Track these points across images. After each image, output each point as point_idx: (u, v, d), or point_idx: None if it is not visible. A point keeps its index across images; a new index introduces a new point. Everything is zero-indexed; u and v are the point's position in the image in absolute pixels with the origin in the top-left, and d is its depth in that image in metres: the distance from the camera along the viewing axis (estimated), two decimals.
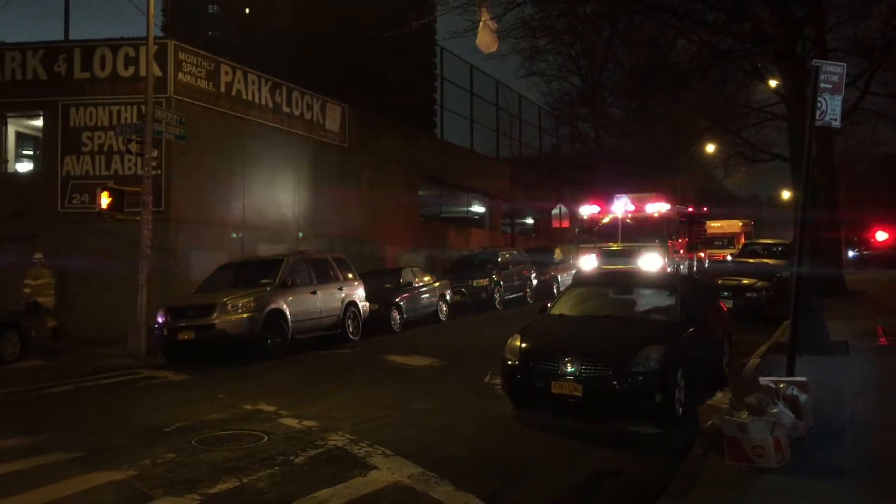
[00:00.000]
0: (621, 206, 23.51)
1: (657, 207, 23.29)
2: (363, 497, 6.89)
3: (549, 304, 11.68)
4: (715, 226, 36.87)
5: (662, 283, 12.15)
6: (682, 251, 24.31)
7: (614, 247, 22.88)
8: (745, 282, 19.94)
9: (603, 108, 44.76)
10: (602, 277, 14.91)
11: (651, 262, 21.88)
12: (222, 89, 21.21)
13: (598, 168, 42.60)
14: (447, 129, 38.16)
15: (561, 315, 10.93)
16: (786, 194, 55.38)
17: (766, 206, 69.55)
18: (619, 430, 9.30)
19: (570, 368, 9.17)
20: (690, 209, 27.45)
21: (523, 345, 9.81)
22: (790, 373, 8.82)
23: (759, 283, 19.70)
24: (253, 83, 22.45)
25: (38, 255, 18.35)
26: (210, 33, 60.05)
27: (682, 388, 9.48)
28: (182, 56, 19.92)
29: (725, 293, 18.37)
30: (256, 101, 22.50)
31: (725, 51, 20.73)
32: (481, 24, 13.47)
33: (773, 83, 27.22)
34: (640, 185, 32.80)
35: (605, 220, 23.54)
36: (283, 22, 55.42)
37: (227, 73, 21.48)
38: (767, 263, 22.65)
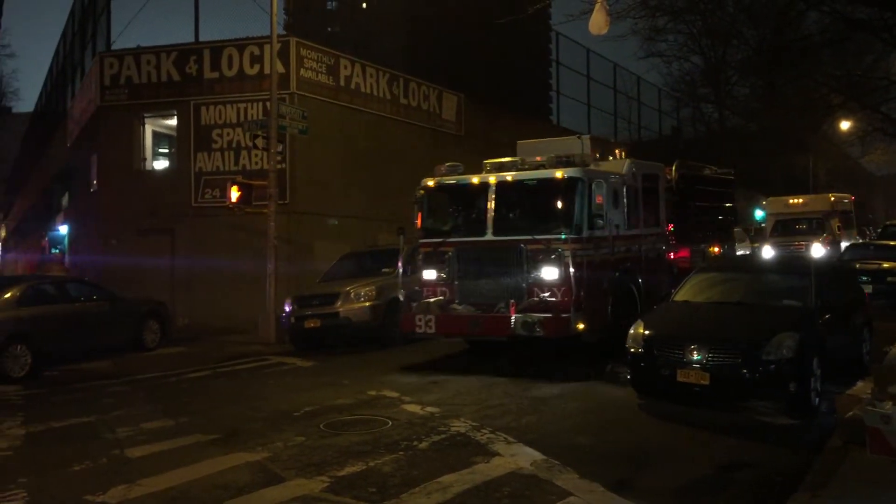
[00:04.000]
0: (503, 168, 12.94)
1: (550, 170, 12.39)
2: (487, 483, 6.92)
3: (672, 291, 11.39)
4: (794, 203, 29.91)
5: (796, 267, 11.61)
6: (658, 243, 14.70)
7: (482, 240, 12.45)
8: (885, 265, 18.79)
9: (727, 87, 43.08)
10: (730, 263, 14.58)
11: (547, 272, 11.93)
12: (342, 83, 21.71)
13: (723, 149, 41.05)
14: (563, 115, 37.69)
15: (686, 302, 10.62)
16: None
17: None
18: (749, 421, 8.96)
19: (696, 356, 8.91)
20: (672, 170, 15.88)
21: (646, 332, 9.60)
22: None
23: None
24: (371, 76, 22.87)
25: None
26: (329, 29, 61.59)
27: (818, 377, 9.04)
28: (303, 52, 20.53)
29: (864, 278, 17.35)
30: (375, 93, 22.92)
31: (862, 20, 19.50)
32: (597, 4, 13.20)
33: None
34: (761, 164, 31.00)
35: (468, 183, 12.85)
36: (398, 14, 56.16)
37: (346, 68, 21.97)
38: None
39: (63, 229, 31.02)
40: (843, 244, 27.59)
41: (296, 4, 65.77)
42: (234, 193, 17.31)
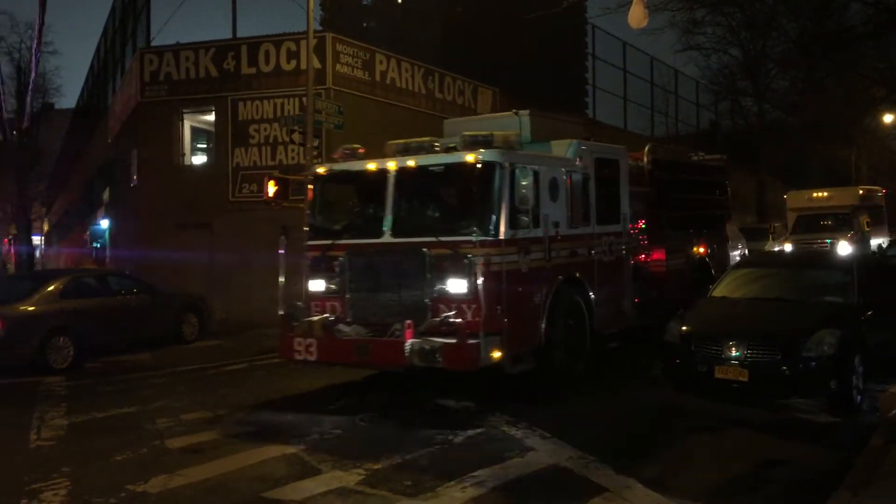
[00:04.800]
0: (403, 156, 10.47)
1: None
2: (522, 478, 6.92)
3: (710, 287, 11.26)
4: (818, 197, 28.13)
5: (837, 263, 11.43)
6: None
7: (379, 243, 10.11)
8: None
9: (766, 80, 42.41)
10: (769, 258, 14.22)
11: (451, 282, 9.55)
12: (377, 78, 21.80)
13: (762, 143, 40.50)
14: (599, 109, 37.40)
15: (724, 297, 10.50)
16: None
17: None
18: (789, 418, 8.85)
19: (734, 352, 8.81)
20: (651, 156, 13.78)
21: (684, 328, 9.51)
22: None
23: None
24: (406, 71, 22.93)
25: None
26: (365, 24, 61.81)
27: (859, 374, 8.91)
28: (339, 48, 20.64)
29: None
30: (410, 88, 22.97)
31: None
32: None
33: None
34: (801, 158, 29.95)
35: (363, 170, 10.55)
36: (432, 8, 56.15)
37: (381, 63, 22.04)
38: None
39: (104, 223, 31.57)
40: (874, 242, 26.57)
41: (332, 0, 66.12)
42: (271, 188, 17.43)
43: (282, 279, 10.80)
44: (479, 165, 9.58)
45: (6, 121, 31.46)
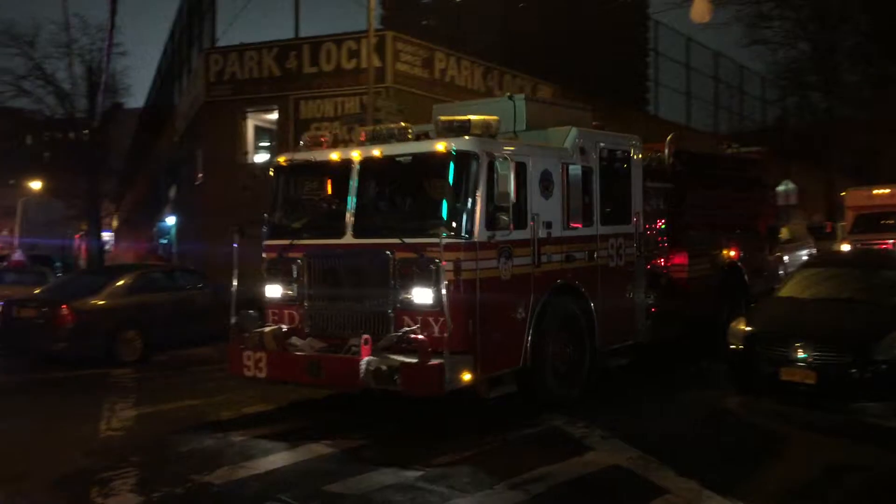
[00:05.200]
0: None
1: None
2: (582, 477, 6.86)
3: (775, 287, 11.00)
4: (880, 194, 25.72)
5: None
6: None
7: (340, 244, 8.99)
8: None
9: (836, 75, 41.17)
10: (840, 257, 13.72)
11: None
12: (437, 76, 21.87)
13: (830, 139, 39.31)
14: (662, 105, 36.85)
15: (790, 298, 10.23)
16: None
17: None
18: (859, 422, 8.59)
19: (801, 354, 8.58)
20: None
21: (748, 328, 9.31)
22: None
23: None
24: (466, 69, 22.95)
25: None
26: (424, 22, 62.00)
27: None
28: (399, 46, 20.77)
29: None
30: (469, 86, 22.97)
31: None
32: None
33: None
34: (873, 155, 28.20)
35: (326, 161, 9.56)
36: (492, 5, 56.04)
37: (441, 61, 22.11)
38: None
39: (170, 220, 32.37)
40: None
41: None
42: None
43: (234, 283, 9.79)
44: (450, 155, 8.32)
45: (78, 120, 32.46)
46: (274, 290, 9.51)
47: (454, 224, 8.19)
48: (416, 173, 9.00)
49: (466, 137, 8.38)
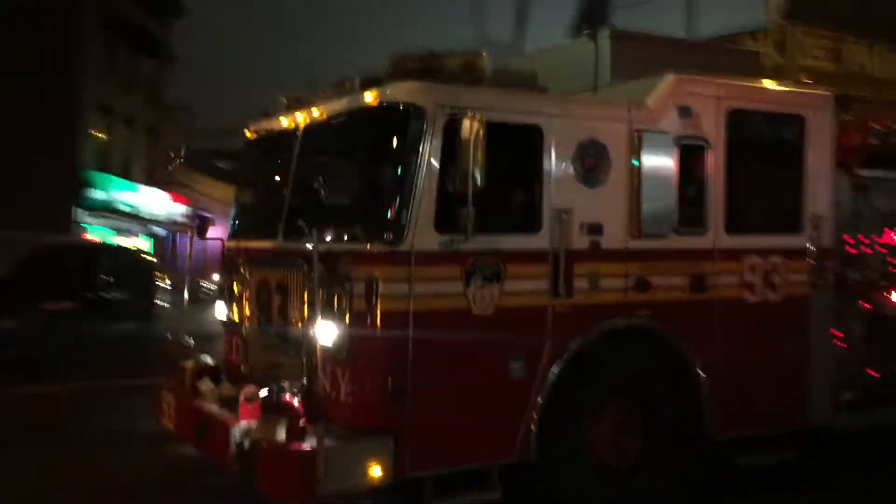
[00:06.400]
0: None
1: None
2: None
3: None
4: None
5: None
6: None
7: (270, 248, 6.37)
8: None
9: None
10: None
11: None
12: (846, 68, 20.34)
13: None
14: None
15: None
16: None
17: None
18: None
19: None
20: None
21: None
22: None
23: None
24: (883, 57, 21.03)
25: None
26: (830, 7, 57.21)
27: None
28: (802, 39, 19.72)
29: None
30: (887, 76, 20.97)
31: None
32: None
33: None
34: None
35: (273, 131, 6.78)
36: None
37: (849, 50, 20.56)
38: None
39: None
40: None
41: None
42: None
43: (185, 296, 7.82)
44: (381, 110, 5.45)
45: None
46: (221, 308, 7.15)
47: (381, 222, 5.26)
48: (351, 141, 6.09)
49: (408, 83, 5.43)
